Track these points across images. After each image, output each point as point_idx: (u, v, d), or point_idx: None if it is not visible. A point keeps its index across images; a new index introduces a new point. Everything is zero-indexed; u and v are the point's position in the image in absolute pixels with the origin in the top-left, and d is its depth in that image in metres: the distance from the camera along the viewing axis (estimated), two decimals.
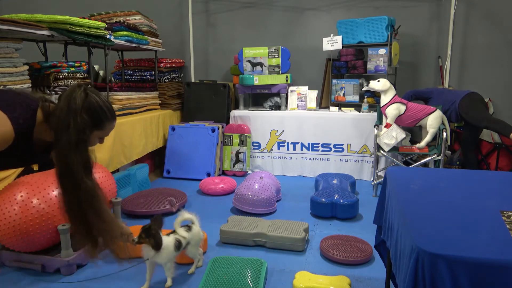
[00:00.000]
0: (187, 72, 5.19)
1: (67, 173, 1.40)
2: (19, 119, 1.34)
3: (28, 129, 1.38)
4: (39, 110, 1.42)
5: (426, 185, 1.59)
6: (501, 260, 0.98)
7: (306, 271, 2.17)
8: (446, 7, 4.33)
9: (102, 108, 1.46)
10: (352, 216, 3.10)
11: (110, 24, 3.74)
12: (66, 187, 1.43)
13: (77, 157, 1.38)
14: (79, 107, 1.37)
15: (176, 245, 2.07)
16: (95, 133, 1.46)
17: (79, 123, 1.37)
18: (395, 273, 1.35)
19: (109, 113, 1.50)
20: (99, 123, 1.45)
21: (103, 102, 1.48)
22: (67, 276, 2.24)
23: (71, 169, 1.39)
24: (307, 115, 4.30)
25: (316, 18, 4.80)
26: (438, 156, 3.45)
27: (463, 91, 3.67)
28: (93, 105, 1.42)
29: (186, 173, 4.28)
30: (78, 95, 1.39)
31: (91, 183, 1.45)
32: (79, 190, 1.42)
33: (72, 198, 1.44)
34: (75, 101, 1.38)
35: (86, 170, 1.43)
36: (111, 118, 1.51)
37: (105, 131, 1.51)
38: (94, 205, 1.47)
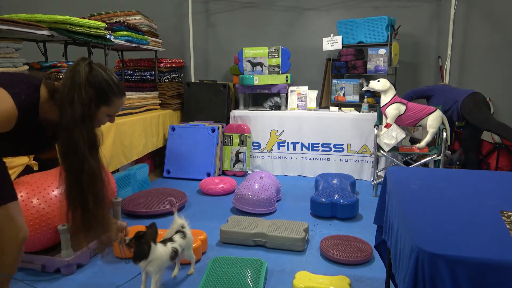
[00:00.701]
0: (187, 72, 5.19)
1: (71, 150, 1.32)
2: (21, 95, 1.28)
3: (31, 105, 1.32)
4: (42, 87, 1.35)
5: (426, 185, 1.59)
6: (501, 260, 0.98)
7: (306, 271, 2.17)
8: (446, 7, 4.33)
9: (108, 82, 1.37)
10: (352, 216, 3.10)
11: (110, 24, 3.74)
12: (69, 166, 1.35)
13: (82, 133, 1.31)
14: (83, 80, 1.31)
15: (172, 255, 2.00)
16: (102, 109, 1.38)
17: (84, 97, 1.30)
18: (395, 273, 1.35)
19: (116, 87, 1.41)
20: (105, 98, 1.37)
21: (109, 76, 1.39)
22: (67, 276, 2.24)
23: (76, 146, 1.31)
24: (307, 115, 4.30)
25: (316, 18, 4.80)
26: (438, 156, 3.45)
27: (466, 91, 3.66)
28: (98, 78, 1.35)
29: (186, 173, 4.28)
30: (82, 68, 1.32)
31: (95, 163, 1.37)
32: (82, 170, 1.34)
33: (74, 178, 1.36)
34: (79, 74, 1.31)
35: (92, 148, 1.35)
36: (119, 93, 1.42)
37: (113, 107, 1.42)
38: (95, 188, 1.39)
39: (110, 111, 1.42)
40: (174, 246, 2.03)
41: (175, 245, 2.04)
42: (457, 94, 3.68)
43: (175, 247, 2.03)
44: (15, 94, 1.27)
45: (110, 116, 1.45)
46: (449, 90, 3.82)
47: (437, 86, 3.98)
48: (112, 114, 1.45)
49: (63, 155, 1.35)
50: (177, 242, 2.06)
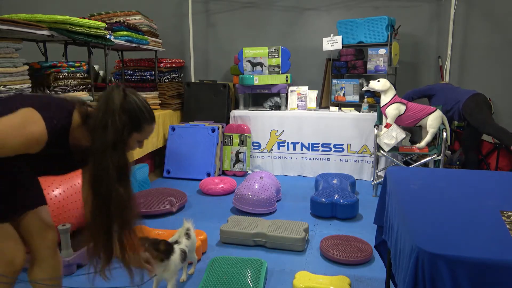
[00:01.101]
0: (187, 72, 5.19)
1: (100, 176, 1.32)
2: (53, 119, 1.29)
3: (62, 130, 1.33)
4: (75, 112, 1.36)
5: (426, 185, 1.59)
6: (501, 260, 0.98)
7: (306, 271, 2.17)
8: (446, 7, 4.33)
9: (141, 109, 1.38)
10: (352, 216, 3.10)
11: (110, 24, 3.74)
12: (97, 192, 1.34)
13: (113, 159, 1.31)
14: (117, 107, 1.31)
15: (182, 256, 2.01)
16: (134, 136, 1.39)
17: (117, 123, 1.30)
18: (395, 273, 1.35)
19: (148, 114, 1.42)
20: (138, 125, 1.38)
21: (142, 102, 1.40)
22: (67, 276, 2.24)
23: (105, 172, 1.31)
24: (307, 115, 4.30)
25: (316, 18, 4.80)
26: (438, 156, 3.45)
27: (468, 91, 3.65)
28: (132, 105, 1.36)
29: (186, 173, 4.28)
30: (116, 94, 1.33)
31: (124, 191, 1.37)
32: (110, 196, 1.33)
33: (101, 204, 1.35)
34: (113, 100, 1.31)
35: (121, 175, 1.35)
36: (150, 120, 1.43)
37: (144, 133, 1.43)
38: (122, 215, 1.38)
39: (141, 138, 1.44)
40: (182, 248, 2.03)
41: (182, 246, 2.04)
42: (459, 94, 3.67)
43: (183, 248, 2.04)
44: (47, 118, 1.28)
45: (140, 142, 1.46)
46: (451, 89, 3.81)
47: (439, 85, 3.97)
48: (142, 140, 1.46)
49: (93, 180, 1.34)
50: (183, 244, 2.07)
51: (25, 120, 1.25)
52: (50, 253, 1.58)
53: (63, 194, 2.31)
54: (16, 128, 1.23)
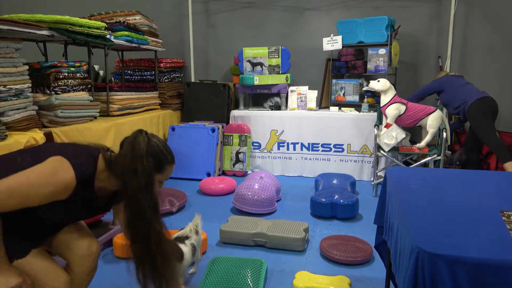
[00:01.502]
0: (187, 72, 5.19)
1: (138, 218, 1.41)
2: (82, 166, 1.36)
3: (89, 176, 1.40)
4: (100, 158, 1.44)
5: (426, 185, 1.59)
6: (501, 260, 0.98)
7: (306, 271, 2.17)
8: (446, 7, 4.33)
9: (163, 151, 1.47)
10: (352, 216, 3.10)
11: (110, 24, 3.74)
12: (137, 233, 1.44)
13: (147, 200, 1.40)
14: (144, 151, 1.40)
15: (193, 251, 2.05)
16: (156, 177, 1.47)
17: (146, 167, 1.39)
18: (395, 273, 1.35)
19: (170, 156, 1.51)
20: (160, 166, 1.46)
21: (163, 145, 1.50)
22: None
23: (143, 212, 1.40)
24: (307, 115, 4.30)
25: (316, 18, 4.80)
26: (438, 156, 3.45)
27: (477, 92, 3.54)
28: (155, 148, 1.45)
29: (186, 173, 4.28)
30: (141, 140, 1.41)
31: (159, 226, 1.46)
32: (149, 234, 1.43)
33: (142, 244, 1.45)
34: (139, 145, 1.40)
35: (155, 213, 1.44)
36: (171, 161, 1.52)
37: (165, 174, 1.51)
38: (163, 249, 1.47)
39: (162, 178, 1.51)
40: (192, 242, 2.07)
41: (192, 241, 2.08)
42: (467, 94, 3.56)
43: (193, 243, 2.07)
44: (76, 165, 1.35)
45: (161, 182, 1.54)
46: (460, 86, 3.67)
47: (447, 79, 3.78)
48: (163, 180, 1.54)
49: (130, 223, 1.44)
50: (193, 238, 2.10)
51: (56, 169, 1.31)
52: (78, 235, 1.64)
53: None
54: (46, 177, 1.28)
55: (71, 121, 3.06)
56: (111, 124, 3.38)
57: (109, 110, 3.70)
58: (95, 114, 3.33)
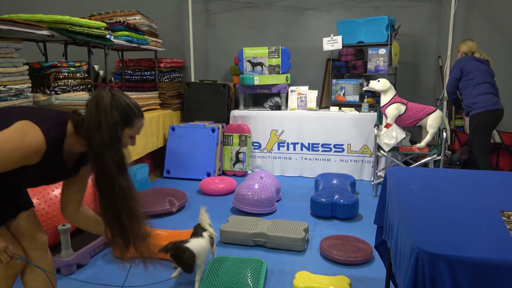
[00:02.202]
0: (187, 72, 5.19)
1: (102, 173, 1.40)
2: (51, 131, 1.36)
3: (59, 140, 1.40)
4: (69, 123, 1.43)
5: (426, 185, 1.59)
6: (501, 260, 0.98)
7: (306, 271, 2.17)
8: (446, 7, 4.33)
9: (129, 105, 1.47)
10: (352, 216, 3.10)
11: (110, 24, 3.74)
12: (102, 188, 1.43)
13: (111, 155, 1.39)
14: (107, 105, 1.39)
15: (211, 242, 2.16)
16: (126, 132, 1.46)
17: (110, 120, 1.38)
18: (395, 273, 1.35)
19: (137, 109, 1.50)
20: (128, 120, 1.45)
21: (129, 99, 1.49)
22: (67, 276, 2.24)
23: (106, 167, 1.39)
24: (307, 115, 4.30)
25: (316, 18, 4.80)
26: (438, 156, 3.45)
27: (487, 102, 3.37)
28: (120, 102, 1.44)
29: (186, 173, 4.28)
30: (104, 95, 1.41)
31: (125, 182, 1.44)
32: (114, 190, 1.42)
33: (107, 199, 1.44)
34: (102, 100, 1.39)
35: (121, 168, 1.42)
36: (140, 115, 1.51)
37: (135, 128, 1.50)
38: (128, 205, 1.46)
39: (132, 133, 1.50)
40: (209, 234, 2.18)
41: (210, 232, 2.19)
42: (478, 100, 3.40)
43: (211, 234, 2.19)
44: (46, 131, 1.34)
45: (132, 138, 1.53)
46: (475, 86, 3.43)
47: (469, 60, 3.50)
48: (134, 135, 1.53)
49: (96, 179, 1.43)
50: (211, 230, 2.22)
51: (24, 134, 1.29)
52: (41, 254, 1.62)
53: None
54: (15, 142, 1.27)
55: None
56: None
57: None
58: None
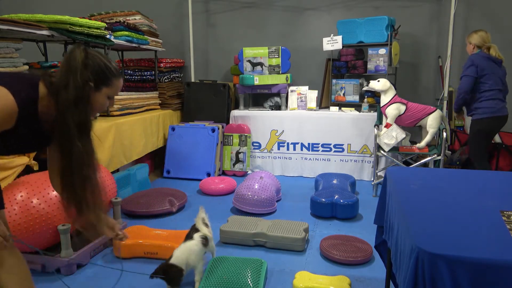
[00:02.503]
0: (187, 72, 5.19)
1: (62, 133, 1.36)
2: (21, 92, 1.31)
3: (31, 102, 1.35)
4: (41, 84, 1.38)
5: (426, 185, 1.59)
6: (501, 260, 0.98)
7: (306, 271, 2.17)
8: (446, 7, 4.33)
9: (105, 64, 1.42)
10: (352, 216, 3.10)
11: (110, 24, 3.74)
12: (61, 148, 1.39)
13: (74, 116, 1.34)
14: (79, 64, 1.34)
15: (203, 242, 2.14)
16: (103, 91, 1.42)
17: (79, 80, 1.33)
18: (395, 273, 1.35)
19: (114, 69, 1.45)
20: (105, 79, 1.41)
21: (106, 58, 1.44)
22: (67, 276, 2.24)
23: (67, 128, 1.34)
24: (307, 115, 4.30)
25: (316, 18, 4.80)
26: (438, 156, 3.45)
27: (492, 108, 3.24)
28: (95, 61, 1.39)
29: (186, 173, 4.28)
30: (77, 53, 1.35)
31: (84, 147, 1.39)
32: (71, 152, 1.37)
33: (65, 160, 1.40)
34: (74, 59, 1.34)
35: (81, 132, 1.38)
36: (117, 74, 1.46)
37: (112, 88, 1.45)
38: (82, 171, 1.41)
39: (110, 92, 1.46)
40: (202, 235, 2.16)
41: (202, 233, 2.17)
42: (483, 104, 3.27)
43: (203, 235, 2.16)
44: (15, 92, 1.30)
45: (110, 98, 1.48)
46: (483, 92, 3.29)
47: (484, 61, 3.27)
48: (112, 95, 1.48)
49: (57, 138, 1.39)
50: (205, 230, 2.19)
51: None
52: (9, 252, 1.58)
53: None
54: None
55: None
56: (111, 124, 3.38)
57: (109, 110, 3.70)
58: None
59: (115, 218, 2.71)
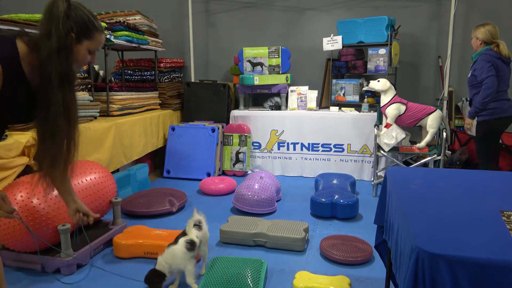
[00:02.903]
0: (187, 72, 5.19)
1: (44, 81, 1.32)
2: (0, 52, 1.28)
3: (13, 59, 1.31)
4: (19, 42, 1.34)
5: (426, 185, 1.59)
6: (501, 260, 0.98)
7: (306, 271, 2.17)
8: (446, 7, 4.33)
9: (88, 16, 1.39)
10: (352, 216, 3.10)
11: (110, 24, 3.74)
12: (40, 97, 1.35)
13: (56, 65, 1.31)
14: (61, 13, 1.31)
15: (188, 246, 2.07)
16: (85, 44, 1.39)
17: (61, 29, 1.31)
18: (396, 273, 1.35)
19: (96, 22, 1.42)
20: (87, 31, 1.38)
21: (89, 11, 1.41)
22: (67, 276, 2.24)
23: (47, 77, 1.31)
24: (307, 115, 4.30)
25: (316, 18, 4.80)
26: (438, 156, 3.45)
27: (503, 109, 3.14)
28: (78, 12, 1.36)
29: (186, 173, 4.28)
30: (60, 3, 1.32)
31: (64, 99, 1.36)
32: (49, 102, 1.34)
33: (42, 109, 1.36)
34: (57, 8, 1.31)
35: (63, 82, 1.34)
36: (99, 28, 1.43)
37: (94, 42, 1.42)
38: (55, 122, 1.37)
39: (92, 46, 1.43)
40: (188, 239, 2.10)
41: (189, 237, 2.11)
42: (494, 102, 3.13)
43: (189, 239, 2.10)
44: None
45: (92, 52, 1.45)
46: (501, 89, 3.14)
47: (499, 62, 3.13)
48: (93, 49, 1.45)
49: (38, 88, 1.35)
50: (193, 235, 2.12)
51: None
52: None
53: None
54: None
55: None
56: (111, 124, 3.38)
57: (109, 110, 3.70)
58: (95, 114, 3.33)
59: (115, 218, 2.71)
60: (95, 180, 2.58)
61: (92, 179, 2.57)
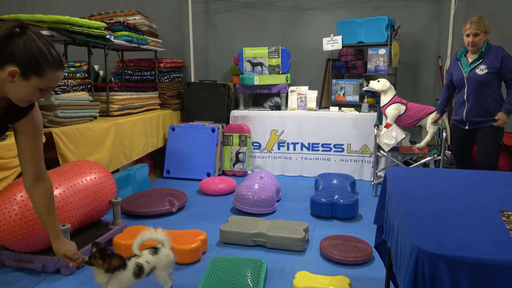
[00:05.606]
0: (187, 72, 5.19)
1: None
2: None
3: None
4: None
5: (426, 185, 1.59)
6: (501, 260, 0.98)
7: (306, 271, 2.17)
8: (446, 7, 4.33)
9: (41, 50, 1.21)
10: (352, 216, 3.10)
11: (110, 24, 3.74)
12: None
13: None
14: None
15: (136, 271, 1.79)
16: (32, 80, 1.22)
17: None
18: (396, 273, 1.35)
19: (51, 58, 1.24)
20: (36, 66, 1.20)
21: (46, 45, 1.23)
22: (67, 276, 2.24)
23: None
24: (307, 115, 4.30)
25: (316, 18, 4.80)
26: (438, 156, 3.45)
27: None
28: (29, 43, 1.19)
29: (186, 173, 4.28)
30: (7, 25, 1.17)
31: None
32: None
33: None
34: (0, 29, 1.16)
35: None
36: (54, 65, 1.25)
37: (45, 80, 1.24)
38: None
39: (42, 84, 1.26)
40: (139, 262, 1.82)
41: (140, 260, 1.83)
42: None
43: (140, 262, 1.82)
44: None
45: (43, 91, 1.28)
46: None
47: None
48: (45, 88, 1.28)
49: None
50: (144, 258, 1.85)
51: None
52: None
53: (63, 194, 2.31)
54: None
55: (71, 121, 3.06)
56: (111, 124, 3.38)
57: (109, 110, 3.71)
58: (95, 114, 3.33)
59: (115, 218, 2.71)
60: (95, 180, 2.58)
61: (92, 179, 2.57)
